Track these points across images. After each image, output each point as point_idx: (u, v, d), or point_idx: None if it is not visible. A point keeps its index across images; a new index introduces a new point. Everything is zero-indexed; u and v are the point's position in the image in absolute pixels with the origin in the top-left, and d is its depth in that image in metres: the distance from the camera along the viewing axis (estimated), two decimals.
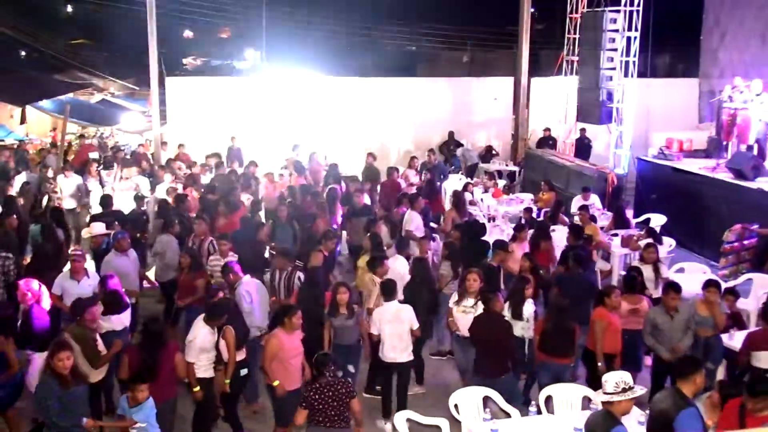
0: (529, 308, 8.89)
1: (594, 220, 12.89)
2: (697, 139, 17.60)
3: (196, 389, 7.66)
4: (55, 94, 24.66)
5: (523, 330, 8.78)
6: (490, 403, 7.64)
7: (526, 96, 21.20)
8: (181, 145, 18.69)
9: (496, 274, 10.12)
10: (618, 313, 8.60)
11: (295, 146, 17.82)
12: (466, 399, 7.65)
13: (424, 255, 10.56)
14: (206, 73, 36.63)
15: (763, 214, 13.04)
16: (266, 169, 16.43)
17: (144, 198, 13.80)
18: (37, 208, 13.80)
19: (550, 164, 18.13)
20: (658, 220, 14.17)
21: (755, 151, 15.04)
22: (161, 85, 19.99)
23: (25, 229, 12.16)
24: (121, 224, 11.80)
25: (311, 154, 17.74)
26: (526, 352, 8.83)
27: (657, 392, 6.77)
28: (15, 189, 14.48)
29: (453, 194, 14.27)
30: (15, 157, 17.98)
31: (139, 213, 13.15)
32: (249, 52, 44.48)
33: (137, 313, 10.03)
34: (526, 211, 13.91)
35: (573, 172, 17.07)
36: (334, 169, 16.50)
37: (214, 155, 17.48)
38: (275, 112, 20.04)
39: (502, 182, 17.87)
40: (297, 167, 16.30)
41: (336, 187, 14.67)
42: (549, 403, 7.70)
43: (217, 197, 13.51)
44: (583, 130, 19.84)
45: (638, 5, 17.57)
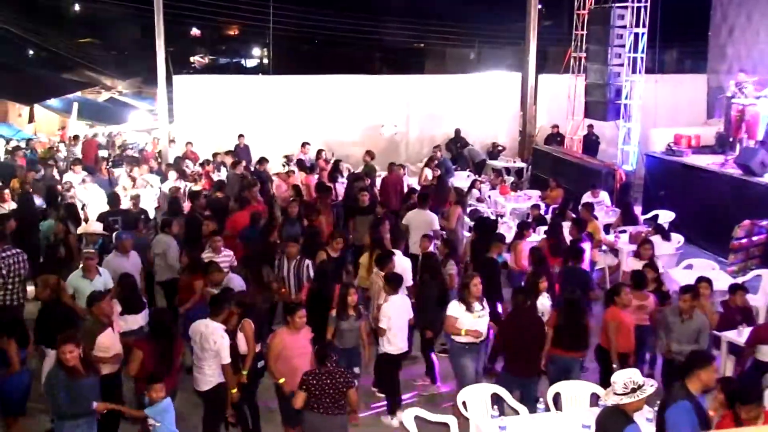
0: (545, 302, 8.84)
1: (596, 218, 12.86)
2: (704, 135, 17.54)
3: (234, 390, 7.63)
4: (63, 93, 24.79)
5: None
6: (498, 401, 7.64)
7: (534, 92, 21.18)
8: (189, 143, 18.73)
9: (496, 267, 10.09)
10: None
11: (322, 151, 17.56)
12: (475, 396, 7.63)
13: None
14: (214, 72, 36.68)
15: None
16: (275, 166, 16.45)
17: (139, 196, 13.42)
18: (53, 204, 13.73)
19: (558, 161, 18.09)
20: (666, 217, 14.13)
21: (764, 147, 14.96)
22: (169, 83, 20.04)
23: (35, 226, 12.21)
24: (126, 223, 11.84)
25: (318, 151, 17.73)
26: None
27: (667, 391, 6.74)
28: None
29: (455, 191, 14.19)
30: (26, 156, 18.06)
31: (140, 211, 13.01)
32: (256, 50, 44.57)
33: None
34: (534, 208, 13.89)
35: (581, 169, 17.03)
36: (337, 166, 16.50)
37: (228, 153, 17.52)
38: (282, 109, 20.05)
39: (510, 179, 17.84)
40: (300, 165, 16.35)
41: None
42: (557, 400, 7.68)
43: (224, 195, 13.52)
44: (591, 127, 19.78)
45: (646, 1, 17.51)
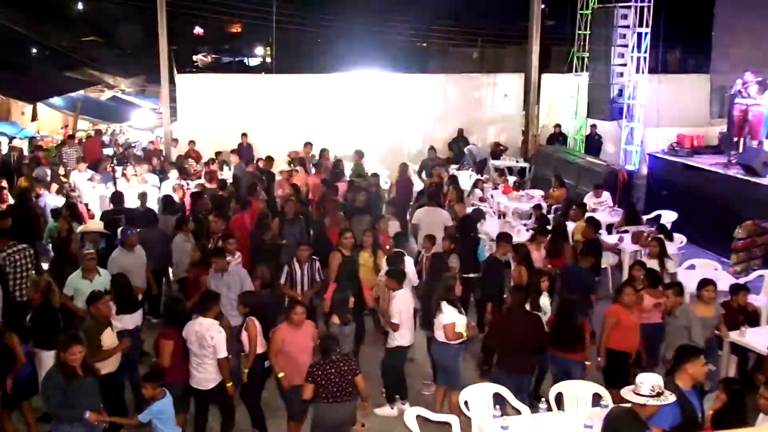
0: (546, 301, 8.87)
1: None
2: (707, 135, 17.54)
3: (230, 384, 7.69)
4: (66, 91, 24.77)
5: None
6: (500, 400, 7.65)
7: (537, 92, 21.17)
8: (192, 142, 18.74)
9: (500, 267, 10.11)
10: (641, 308, 8.67)
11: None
12: (476, 396, 7.64)
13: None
14: (216, 70, 36.69)
15: None
16: (279, 165, 16.47)
17: (146, 194, 13.44)
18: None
19: (561, 160, 18.08)
20: (669, 217, 14.12)
21: (767, 147, 14.96)
22: (172, 82, 20.06)
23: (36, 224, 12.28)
24: (129, 221, 11.86)
25: (321, 151, 17.74)
26: None
27: None
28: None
29: (456, 189, 14.22)
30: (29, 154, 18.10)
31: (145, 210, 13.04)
32: (259, 49, 44.57)
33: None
34: (536, 208, 13.89)
35: (583, 169, 17.02)
36: (338, 165, 16.52)
37: (232, 152, 17.53)
38: (285, 108, 20.05)
39: (512, 179, 17.84)
40: (302, 164, 16.38)
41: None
42: (559, 399, 7.68)
43: (227, 194, 13.52)
44: (594, 127, 19.77)
45: (649, 1, 17.50)
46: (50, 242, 11.89)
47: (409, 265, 9.91)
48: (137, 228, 10.93)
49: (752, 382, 6.84)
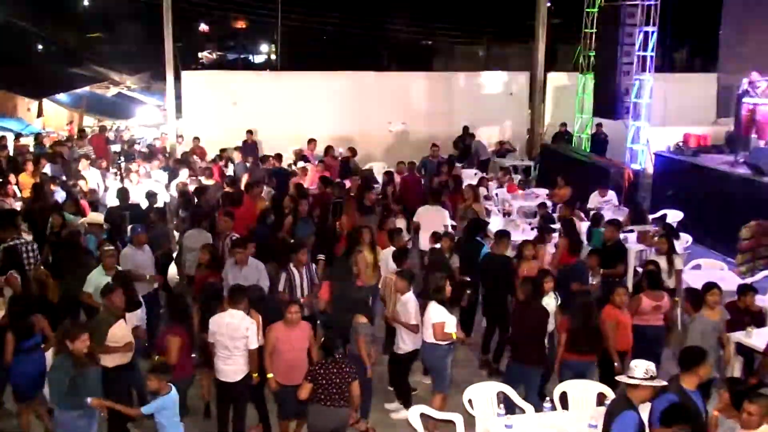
0: (551, 302, 8.74)
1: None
2: (714, 135, 17.47)
3: (255, 375, 7.68)
4: (72, 88, 24.84)
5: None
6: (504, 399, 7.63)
7: (542, 91, 21.12)
8: (197, 139, 18.74)
9: (509, 264, 10.05)
10: (639, 311, 8.62)
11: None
12: (481, 394, 7.62)
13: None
14: (222, 67, 36.73)
15: None
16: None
17: (157, 195, 13.35)
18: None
19: (566, 159, 18.03)
20: (674, 216, 14.05)
21: None
22: (177, 79, 20.07)
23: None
24: (134, 218, 11.85)
25: (326, 148, 17.71)
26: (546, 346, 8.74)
27: None
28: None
29: (473, 189, 14.15)
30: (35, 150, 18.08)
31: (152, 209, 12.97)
32: (264, 46, 44.57)
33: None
34: (541, 206, 13.84)
35: (589, 168, 16.96)
36: (348, 162, 16.49)
37: (237, 149, 17.52)
38: (290, 105, 20.03)
39: (518, 177, 17.78)
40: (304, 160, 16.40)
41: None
42: (564, 399, 7.65)
43: (235, 190, 13.52)
44: (600, 125, 19.72)
45: None
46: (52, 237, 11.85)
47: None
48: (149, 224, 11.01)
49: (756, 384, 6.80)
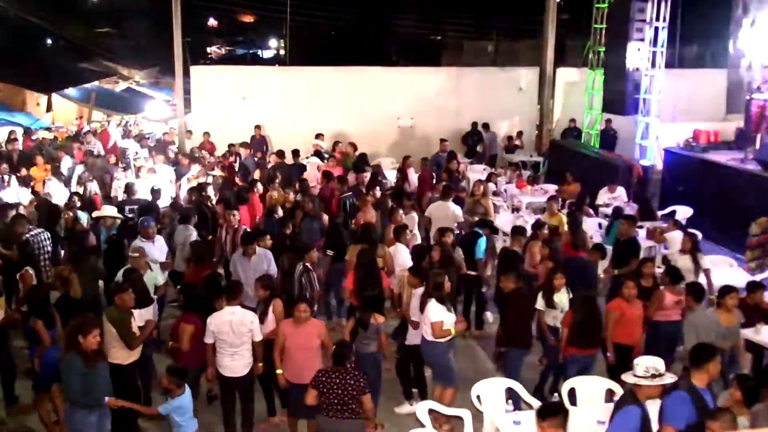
0: (563, 297, 8.74)
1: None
2: (724, 131, 17.40)
3: (261, 364, 7.78)
4: (81, 83, 24.92)
5: (555, 319, 8.67)
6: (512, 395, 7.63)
7: (552, 86, 21.05)
8: (206, 134, 18.76)
9: (516, 259, 10.06)
10: (662, 306, 8.66)
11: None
12: (489, 390, 7.62)
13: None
14: (230, 62, 36.74)
15: None
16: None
17: (161, 190, 13.35)
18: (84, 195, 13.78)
19: (575, 155, 17.98)
20: (684, 213, 14.01)
21: None
22: (186, 73, 20.11)
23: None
24: (141, 213, 11.89)
25: (335, 144, 17.72)
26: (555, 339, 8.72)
27: None
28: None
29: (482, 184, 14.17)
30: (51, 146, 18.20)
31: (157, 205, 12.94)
32: (273, 41, 44.56)
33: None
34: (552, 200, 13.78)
35: (598, 164, 16.92)
36: (362, 158, 16.47)
37: (243, 144, 17.53)
38: (298, 100, 20.04)
39: (527, 173, 17.75)
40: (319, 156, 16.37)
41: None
42: (572, 395, 7.65)
43: (244, 185, 13.56)
44: (609, 121, 19.65)
45: None
46: (66, 234, 11.92)
47: (405, 255, 10.04)
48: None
49: (766, 380, 6.78)
